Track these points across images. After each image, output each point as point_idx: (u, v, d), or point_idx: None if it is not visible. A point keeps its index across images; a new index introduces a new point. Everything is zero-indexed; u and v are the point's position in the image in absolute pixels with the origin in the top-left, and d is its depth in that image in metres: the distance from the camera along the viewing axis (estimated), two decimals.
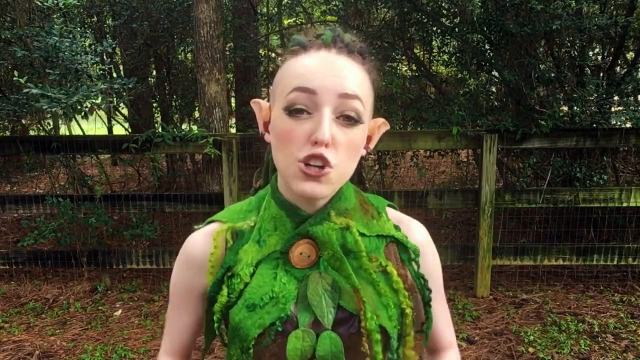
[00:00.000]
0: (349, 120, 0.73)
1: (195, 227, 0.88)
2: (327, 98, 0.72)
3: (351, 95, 0.73)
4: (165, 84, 6.12)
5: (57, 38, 3.33)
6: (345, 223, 0.80)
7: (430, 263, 0.89)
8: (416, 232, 0.89)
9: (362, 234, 0.81)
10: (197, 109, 5.35)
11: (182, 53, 6.40)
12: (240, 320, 0.77)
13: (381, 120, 0.85)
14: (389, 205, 0.91)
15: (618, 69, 4.25)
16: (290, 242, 0.79)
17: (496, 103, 4.67)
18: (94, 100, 3.43)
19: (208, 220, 0.88)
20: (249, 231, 0.83)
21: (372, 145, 0.84)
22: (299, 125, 0.73)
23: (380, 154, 4.49)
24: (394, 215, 0.90)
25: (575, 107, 3.71)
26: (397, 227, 0.86)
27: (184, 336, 0.89)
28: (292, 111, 0.73)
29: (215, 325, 0.81)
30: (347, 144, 0.74)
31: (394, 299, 0.80)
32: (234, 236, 0.83)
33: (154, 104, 6.50)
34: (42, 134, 5.86)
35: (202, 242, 0.84)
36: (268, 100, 0.84)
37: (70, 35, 3.45)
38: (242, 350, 0.77)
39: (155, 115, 6.61)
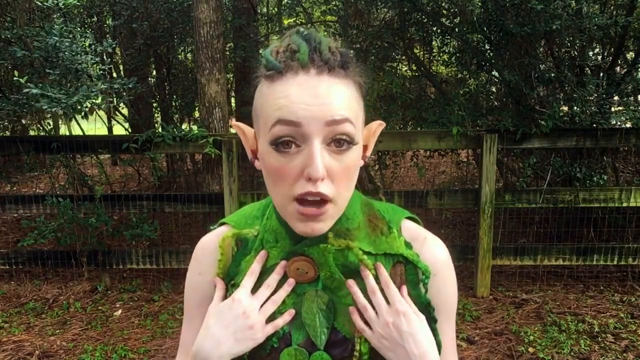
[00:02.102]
0: (340, 145, 0.68)
1: (211, 227, 0.88)
2: (314, 128, 0.66)
3: (339, 121, 0.67)
4: (165, 84, 6.12)
5: (57, 38, 3.33)
6: (344, 245, 0.76)
7: (443, 290, 0.80)
8: (431, 251, 0.80)
9: (367, 253, 0.77)
10: (197, 109, 5.35)
11: (182, 53, 6.40)
12: None
13: (376, 123, 0.79)
14: (409, 218, 0.84)
15: (618, 69, 4.25)
16: (286, 258, 0.77)
17: (496, 103, 4.67)
18: (94, 100, 3.43)
19: (220, 222, 0.87)
20: (252, 240, 0.81)
21: (369, 153, 0.79)
22: (289, 161, 0.67)
23: (380, 154, 4.49)
24: (410, 229, 0.82)
25: (575, 107, 3.71)
26: (408, 245, 0.79)
27: None
28: (279, 145, 0.67)
29: None
30: (342, 171, 0.69)
31: None
32: (238, 244, 0.82)
33: (154, 104, 6.50)
34: (42, 134, 5.86)
35: (211, 246, 0.84)
36: (247, 114, 0.79)
37: (70, 35, 3.46)
38: None
39: (155, 115, 6.61)
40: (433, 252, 0.80)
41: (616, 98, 3.93)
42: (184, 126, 5.75)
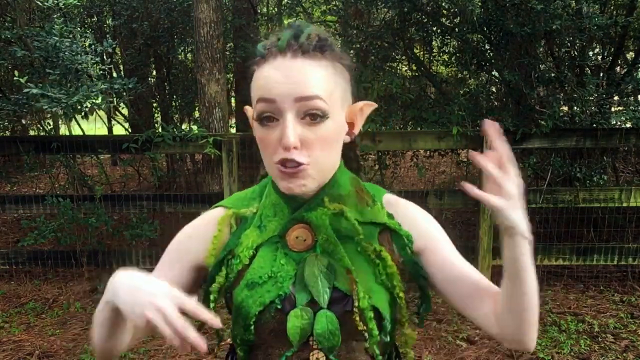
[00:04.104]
0: (314, 118, 0.77)
1: (202, 212, 0.94)
2: (286, 104, 0.76)
3: (308, 97, 0.76)
4: (165, 84, 6.12)
5: (57, 38, 3.33)
6: (338, 209, 0.85)
7: (422, 225, 0.91)
8: (405, 210, 0.91)
9: (355, 220, 0.85)
10: (197, 109, 5.35)
11: (182, 53, 6.39)
12: (242, 299, 0.82)
13: (361, 103, 0.87)
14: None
15: (618, 69, 4.25)
16: (286, 226, 0.85)
17: (496, 103, 4.66)
18: (94, 100, 3.43)
19: (215, 205, 0.94)
20: (251, 217, 0.89)
21: (357, 130, 0.87)
22: (270, 133, 0.78)
23: (380, 154, 4.49)
24: (389, 199, 0.92)
25: (575, 107, 3.71)
26: (390, 215, 0.89)
27: None
28: (262, 120, 0.79)
29: (212, 304, 0.87)
30: (318, 140, 0.78)
31: (387, 282, 0.84)
32: (237, 221, 0.90)
33: (154, 104, 6.49)
34: (42, 134, 5.86)
35: (209, 222, 0.91)
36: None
37: (70, 35, 3.46)
38: (244, 328, 0.82)
39: (155, 115, 6.61)
40: (406, 210, 0.92)
41: (616, 98, 3.93)
42: (184, 126, 5.74)
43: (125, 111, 6.26)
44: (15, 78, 3.30)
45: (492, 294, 0.87)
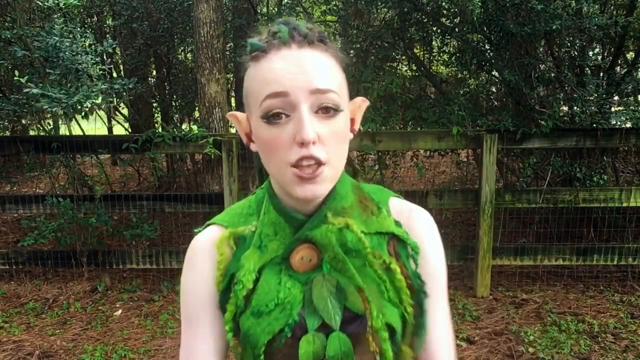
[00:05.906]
0: (327, 111, 0.71)
1: (195, 230, 0.86)
2: (301, 96, 0.70)
3: (323, 90, 0.70)
4: (165, 84, 6.12)
5: (57, 38, 3.33)
6: (343, 222, 0.78)
7: (431, 261, 0.83)
8: (418, 225, 0.84)
9: (361, 232, 0.79)
10: (197, 109, 5.35)
11: (182, 53, 6.40)
12: (249, 327, 0.77)
13: (360, 99, 0.82)
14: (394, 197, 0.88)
15: (618, 69, 4.25)
16: (289, 247, 0.78)
17: (496, 103, 4.67)
18: (94, 100, 3.43)
19: (208, 223, 0.86)
20: (250, 236, 0.81)
21: (357, 127, 0.82)
22: (282, 130, 0.71)
23: (380, 154, 4.49)
24: (396, 206, 0.86)
25: (575, 107, 3.71)
26: (397, 223, 0.83)
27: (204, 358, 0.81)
28: (270, 117, 0.71)
29: (228, 335, 0.79)
30: (332, 135, 0.72)
31: (394, 298, 0.78)
32: (237, 242, 0.82)
33: (154, 104, 6.50)
34: (42, 134, 5.85)
35: (207, 247, 0.82)
36: (244, 111, 0.81)
37: (71, 35, 3.46)
38: (254, 356, 0.76)
39: (155, 115, 6.61)
40: (420, 225, 0.84)
41: (616, 98, 3.93)
42: (184, 126, 5.75)
43: (125, 111, 6.27)
44: (15, 78, 3.30)
45: None
